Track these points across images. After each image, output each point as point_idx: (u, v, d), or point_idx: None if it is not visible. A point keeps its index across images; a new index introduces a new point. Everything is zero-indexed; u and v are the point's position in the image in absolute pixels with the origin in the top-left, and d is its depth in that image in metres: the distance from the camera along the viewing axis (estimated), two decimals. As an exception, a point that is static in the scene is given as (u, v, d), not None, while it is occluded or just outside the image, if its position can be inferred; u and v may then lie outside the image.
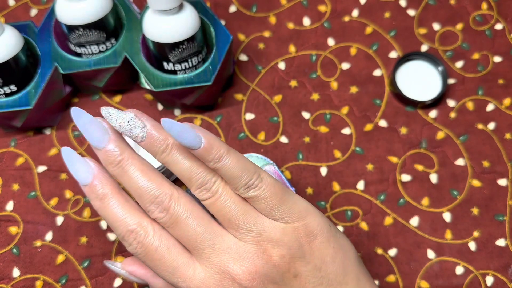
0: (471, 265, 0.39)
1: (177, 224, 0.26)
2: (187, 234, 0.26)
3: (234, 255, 0.26)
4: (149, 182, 0.26)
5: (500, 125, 0.43)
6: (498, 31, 0.46)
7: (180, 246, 0.27)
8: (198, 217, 0.27)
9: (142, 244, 0.26)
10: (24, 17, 0.46)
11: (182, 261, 0.26)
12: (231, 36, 0.40)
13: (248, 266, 0.26)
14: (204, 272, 0.26)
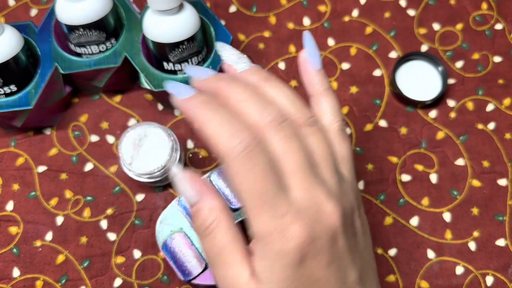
0: (471, 265, 0.39)
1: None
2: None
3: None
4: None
5: (500, 125, 0.43)
6: (498, 31, 0.46)
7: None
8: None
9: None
10: (24, 17, 0.46)
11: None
12: (231, 36, 0.40)
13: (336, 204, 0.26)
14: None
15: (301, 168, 0.26)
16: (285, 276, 0.25)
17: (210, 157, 0.42)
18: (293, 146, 0.26)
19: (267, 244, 0.25)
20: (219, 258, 0.26)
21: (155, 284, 0.39)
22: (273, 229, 0.25)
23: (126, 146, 0.37)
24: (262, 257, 0.25)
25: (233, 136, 0.25)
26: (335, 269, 0.26)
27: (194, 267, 0.36)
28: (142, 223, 0.40)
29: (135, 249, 0.40)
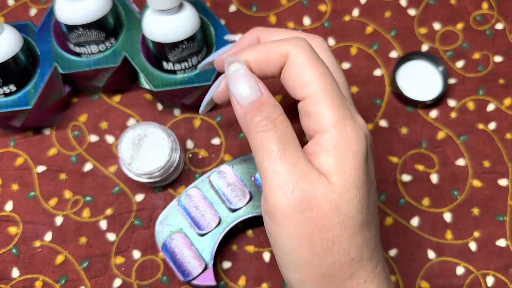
0: (471, 265, 0.39)
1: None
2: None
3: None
4: None
5: (500, 125, 0.43)
6: (498, 31, 0.46)
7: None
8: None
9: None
10: (24, 16, 0.46)
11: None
12: (231, 35, 0.40)
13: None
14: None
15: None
16: (358, 164, 0.24)
17: (210, 157, 0.42)
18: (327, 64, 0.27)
19: (341, 129, 0.25)
20: (286, 150, 0.25)
21: (154, 284, 0.39)
22: (347, 115, 0.25)
23: (125, 146, 0.37)
24: (334, 145, 0.24)
25: (296, 37, 0.27)
26: (374, 182, 0.26)
27: (194, 268, 0.36)
28: (141, 223, 0.40)
29: (134, 249, 0.39)
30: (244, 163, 0.38)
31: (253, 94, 0.26)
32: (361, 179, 0.24)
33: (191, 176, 0.41)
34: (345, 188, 0.24)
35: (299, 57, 0.25)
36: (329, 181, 0.24)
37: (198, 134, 0.42)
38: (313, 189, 0.24)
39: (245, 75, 0.26)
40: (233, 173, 0.37)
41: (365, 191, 0.25)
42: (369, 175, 0.25)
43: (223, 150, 0.42)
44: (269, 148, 0.25)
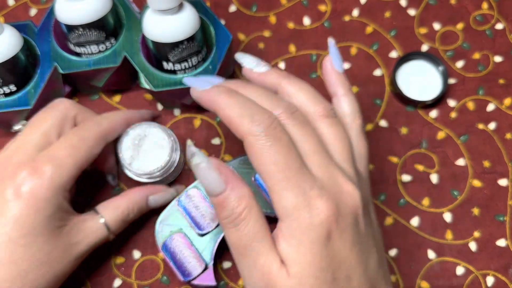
0: (471, 265, 0.39)
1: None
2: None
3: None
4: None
5: (500, 125, 0.43)
6: (498, 31, 0.46)
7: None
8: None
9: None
10: (24, 16, 0.46)
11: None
12: (231, 35, 0.40)
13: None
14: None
15: (319, 151, 0.27)
16: (313, 254, 0.25)
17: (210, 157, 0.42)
18: (308, 131, 0.27)
19: (294, 220, 0.25)
20: (249, 248, 0.25)
21: (154, 284, 0.39)
22: (300, 204, 0.25)
23: (125, 146, 0.37)
24: (289, 235, 0.25)
25: (255, 116, 0.26)
26: (359, 252, 0.26)
27: (194, 268, 0.36)
28: (142, 223, 0.40)
29: (134, 249, 0.39)
30: (244, 163, 0.38)
31: (215, 189, 0.26)
32: (319, 266, 0.25)
33: (191, 176, 0.41)
34: (302, 280, 0.25)
35: (253, 143, 0.26)
36: (288, 272, 0.25)
37: (198, 134, 0.42)
38: (273, 284, 0.25)
39: (205, 169, 0.26)
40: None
41: (327, 275, 0.25)
42: (335, 256, 0.25)
43: (223, 150, 0.42)
44: (234, 244, 0.26)
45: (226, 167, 0.27)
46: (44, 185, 0.31)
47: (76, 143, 0.33)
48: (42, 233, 0.31)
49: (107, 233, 0.35)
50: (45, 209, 0.31)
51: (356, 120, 0.30)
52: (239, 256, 0.26)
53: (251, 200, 0.26)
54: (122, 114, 0.37)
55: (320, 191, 0.25)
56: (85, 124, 0.35)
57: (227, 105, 0.27)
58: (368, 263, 0.27)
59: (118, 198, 0.37)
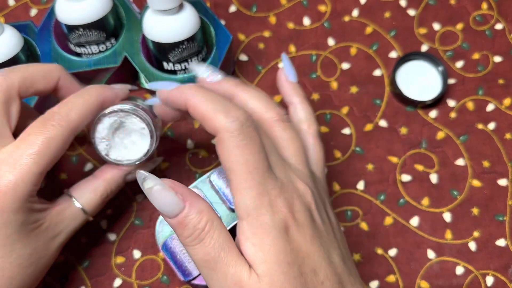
0: (471, 265, 0.39)
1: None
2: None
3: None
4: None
5: (500, 125, 0.43)
6: (498, 31, 0.46)
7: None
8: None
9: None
10: (24, 17, 0.46)
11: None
12: (231, 36, 0.40)
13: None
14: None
15: (276, 153, 0.28)
16: (277, 249, 0.25)
17: (210, 157, 0.42)
18: (265, 134, 0.28)
19: (256, 218, 0.26)
20: (217, 260, 0.26)
21: (155, 284, 0.39)
22: (262, 203, 0.26)
23: (100, 136, 0.34)
24: (252, 234, 0.26)
25: (230, 112, 0.26)
26: (320, 246, 0.27)
27: (194, 268, 0.36)
28: (142, 223, 0.40)
29: (135, 249, 0.39)
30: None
31: (174, 210, 0.26)
32: (285, 262, 0.25)
33: (191, 176, 0.41)
34: (272, 278, 0.25)
35: (226, 139, 0.26)
36: (258, 274, 0.25)
37: (198, 134, 0.43)
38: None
39: (160, 192, 0.26)
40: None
41: (294, 270, 0.25)
42: (298, 251, 0.26)
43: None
44: (201, 259, 0.26)
45: (179, 185, 0.27)
46: (7, 198, 0.28)
47: (41, 147, 0.29)
48: (18, 240, 0.30)
49: (85, 217, 0.34)
50: (16, 220, 0.29)
51: (311, 126, 0.32)
52: (208, 271, 0.26)
53: (211, 213, 0.26)
54: (94, 98, 0.32)
55: (280, 190, 0.26)
56: (51, 118, 0.30)
57: (200, 100, 0.27)
58: (331, 257, 0.27)
59: (93, 180, 0.35)
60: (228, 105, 0.27)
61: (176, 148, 0.42)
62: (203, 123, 0.27)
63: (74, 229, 0.34)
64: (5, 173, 0.28)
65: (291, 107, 0.33)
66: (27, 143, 0.29)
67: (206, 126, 0.27)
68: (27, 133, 0.30)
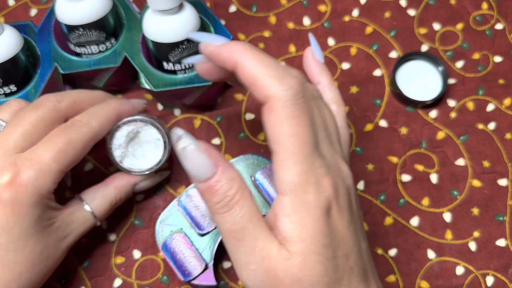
0: (471, 265, 0.39)
1: None
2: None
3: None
4: None
5: (500, 125, 0.43)
6: (498, 31, 0.46)
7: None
8: None
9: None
10: (24, 17, 0.46)
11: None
12: (231, 36, 0.40)
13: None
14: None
15: (324, 129, 0.27)
16: (317, 230, 0.24)
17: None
18: (317, 109, 0.27)
19: (299, 196, 0.24)
20: (246, 231, 0.25)
21: (155, 284, 0.39)
22: (309, 180, 0.24)
23: (117, 143, 0.36)
24: (292, 211, 0.24)
25: (284, 80, 0.24)
26: (354, 232, 0.26)
27: (194, 268, 0.36)
28: (142, 223, 0.40)
29: (135, 249, 0.39)
30: (244, 163, 0.38)
31: (205, 174, 0.25)
32: (322, 243, 0.24)
33: (191, 176, 0.41)
34: (305, 258, 0.24)
35: (278, 109, 0.24)
36: (289, 251, 0.24)
37: (198, 134, 0.43)
38: (274, 267, 0.24)
39: (194, 152, 0.25)
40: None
41: (329, 252, 0.25)
42: (335, 234, 0.25)
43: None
44: (228, 229, 0.25)
45: (214, 149, 0.25)
46: (28, 192, 0.30)
47: (63, 147, 0.31)
48: (32, 236, 0.31)
49: (94, 221, 0.35)
50: (32, 214, 0.30)
51: (341, 107, 0.31)
52: (235, 242, 0.25)
53: (242, 183, 0.25)
54: (113, 109, 0.34)
55: (327, 169, 0.25)
56: (74, 124, 0.32)
57: (252, 61, 0.25)
58: (360, 245, 0.27)
59: (104, 186, 0.36)
60: (283, 71, 0.25)
61: (176, 148, 0.42)
62: (253, 88, 0.25)
63: (82, 232, 0.35)
64: (27, 168, 0.30)
65: (319, 87, 0.31)
66: (49, 143, 0.31)
67: (255, 91, 0.25)
68: (50, 135, 0.32)
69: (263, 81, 0.24)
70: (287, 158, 0.24)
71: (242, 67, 0.25)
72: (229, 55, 0.26)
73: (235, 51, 0.25)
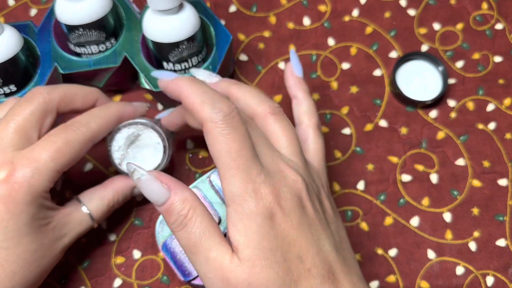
0: (471, 265, 0.39)
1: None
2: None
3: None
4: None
5: (500, 125, 0.43)
6: (498, 31, 0.46)
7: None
8: None
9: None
10: (24, 17, 0.46)
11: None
12: (231, 36, 0.40)
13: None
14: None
15: (267, 143, 0.29)
16: (261, 236, 0.26)
17: (210, 157, 0.42)
18: (256, 126, 0.30)
19: (240, 205, 0.27)
20: (199, 245, 0.27)
21: (155, 284, 0.39)
22: (246, 190, 0.27)
23: (117, 145, 0.36)
24: (237, 220, 0.27)
25: (216, 103, 0.27)
26: (308, 233, 0.27)
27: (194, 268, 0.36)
28: (142, 223, 0.40)
29: (134, 249, 0.39)
30: None
31: (160, 198, 0.27)
32: (268, 247, 0.26)
33: (191, 176, 0.41)
34: (253, 263, 0.26)
35: (212, 129, 0.27)
36: (239, 258, 0.26)
37: (198, 134, 0.43)
38: (227, 275, 0.26)
39: (147, 181, 0.28)
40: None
41: (277, 256, 0.26)
42: (283, 238, 0.27)
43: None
44: (185, 244, 0.27)
45: (165, 175, 0.28)
46: (23, 190, 0.29)
47: (60, 146, 0.31)
48: (26, 234, 0.30)
49: (91, 223, 0.35)
50: (27, 212, 0.30)
51: (312, 118, 0.34)
52: (191, 255, 0.27)
53: (194, 201, 0.27)
54: (114, 111, 0.35)
55: (265, 177, 0.27)
56: (73, 124, 0.32)
57: (190, 92, 0.28)
58: (321, 245, 0.28)
59: (102, 188, 0.36)
60: (215, 98, 0.28)
61: (176, 148, 0.42)
62: (193, 114, 0.28)
63: (78, 233, 0.35)
64: (23, 166, 0.30)
65: (295, 100, 0.35)
66: (47, 142, 0.31)
67: (194, 116, 0.28)
68: (48, 134, 0.32)
69: (198, 107, 0.28)
70: (226, 172, 0.27)
71: (183, 96, 0.29)
72: (175, 87, 0.30)
73: (180, 84, 0.29)
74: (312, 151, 0.33)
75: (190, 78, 0.30)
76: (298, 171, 0.29)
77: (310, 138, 0.33)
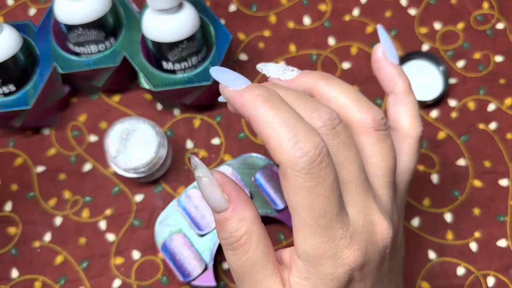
0: (472, 265, 0.39)
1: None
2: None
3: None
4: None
5: (501, 125, 0.43)
6: (499, 30, 0.45)
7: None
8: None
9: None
10: (23, 16, 0.46)
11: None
12: (231, 35, 0.39)
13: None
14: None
15: (359, 182, 0.23)
16: None
17: (210, 157, 0.42)
18: (351, 154, 0.23)
19: (316, 266, 0.22)
20: (248, 274, 0.23)
21: (154, 285, 0.38)
22: (326, 252, 0.22)
23: (112, 140, 0.37)
24: (306, 276, 0.23)
25: (299, 143, 0.21)
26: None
27: (194, 268, 0.35)
28: (141, 223, 0.40)
29: (134, 250, 0.39)
30: (244, 163, 0.38)
31: (217, 207, 0.23)
32: None
33: (191, 176, 0.41)
34: None
35: (291, 177, 0.21)
36: None
37: (198, 134, 0.42)
38: None
39: (208, 185, 0.23)
40: (233, 174, 0.37)
41: None
42: None
43: (223, 150, 0.42)
44: (232, 268, 0.24)
45: (231, 184, 0.23)
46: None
47: None
48: None
49: None
50: None
51: (415, 128, 0.26)
52: (237, 281, 0.24)
53: (252, 225, 0.23)
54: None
55: (351, 238, 0.22)
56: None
57: (265, 120, 0.22)
58: None
59: None
60: (298, 129, 0.21)
61: (176, 148, 0.42)
62: (266, 147, 0.22)
63: None
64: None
65: (391, 97, 0.28)
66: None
67: (269, 151, 0.22)
68: None
69: (275, 143, 0.21)
70: (303, 228, 0.22)
71: (254, 124, 0.22)
72: (242, 107, 0.23)
73: (248, 102, 0.22)
74: (403, 169, 0.26)
75: (264, 96, 0.22)
76: (388, 213, 0.24)
77: (406, 155, 0.26)
